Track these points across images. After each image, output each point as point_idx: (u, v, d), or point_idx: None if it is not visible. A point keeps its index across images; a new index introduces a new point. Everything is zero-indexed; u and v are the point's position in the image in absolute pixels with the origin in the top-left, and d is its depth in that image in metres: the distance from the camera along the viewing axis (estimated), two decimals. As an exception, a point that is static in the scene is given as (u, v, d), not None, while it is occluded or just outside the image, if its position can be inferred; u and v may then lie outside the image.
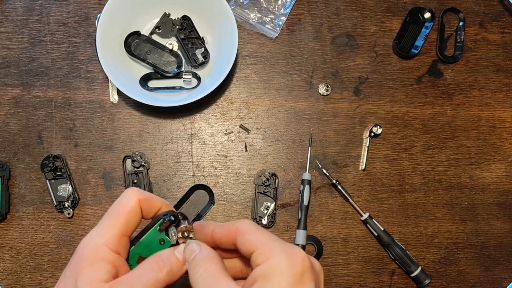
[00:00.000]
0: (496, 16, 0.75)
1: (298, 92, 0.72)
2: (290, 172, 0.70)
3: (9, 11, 0.71)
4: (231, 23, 0.64)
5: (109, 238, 0.36)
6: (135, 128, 0.69)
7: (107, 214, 0.38)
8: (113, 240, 0.36)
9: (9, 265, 0.66)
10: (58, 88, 0.69)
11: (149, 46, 0.68)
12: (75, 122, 0.69)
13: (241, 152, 0.70)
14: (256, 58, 0.72)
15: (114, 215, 0.37)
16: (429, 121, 0.72)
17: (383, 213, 0.70)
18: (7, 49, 0.70)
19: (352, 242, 0.69)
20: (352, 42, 0.73)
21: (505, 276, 0.70)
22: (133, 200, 0.38)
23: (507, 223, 0.71)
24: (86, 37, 0.71)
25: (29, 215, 0.67)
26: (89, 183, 0.68)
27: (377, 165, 0.71)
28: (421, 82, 0.73)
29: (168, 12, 0.70)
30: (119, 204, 0.38)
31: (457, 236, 0.70)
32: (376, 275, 0.68)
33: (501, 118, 0.73)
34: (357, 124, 0.71)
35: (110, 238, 0.36)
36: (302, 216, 0.67)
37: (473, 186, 0.72)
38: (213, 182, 0.69)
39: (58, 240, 0.67)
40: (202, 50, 0.69)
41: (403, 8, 0.74)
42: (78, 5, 0.71)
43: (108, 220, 0.37)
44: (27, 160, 0.68)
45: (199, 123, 0.70)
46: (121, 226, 0.37)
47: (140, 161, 0.67)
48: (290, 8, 0.73)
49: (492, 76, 0.74)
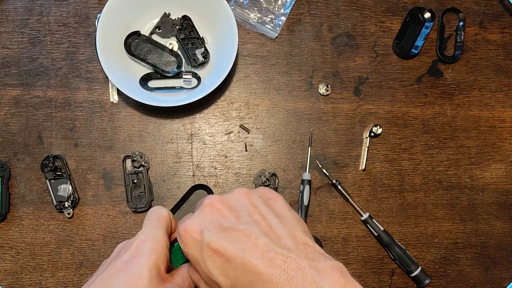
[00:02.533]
0: (496, 16, 0.75)
1: (298, 92, 0.72)
2: (290, 172, 0.70)
3: (9, 11, 0.71)
4: (231, 23, 0.64)
5: (161, 235, 0.42)
6: (135, 128, 0.69)
7: (148, 219, 0.44)
8: (164, 237, 0.42)
9: (9, 265, 0.66)
10: (58, 88, 0.69)
11: (149, 46, 0.68)
12: (75, 122, 0.69)
13: (241, 152, 0.70)
14: (256, 58, 0.72)
15: (155, 218, 0.43)
16: (429, 121, 0.72)
17: (383, 213, 0.70)
18: (7, 49, 0.70)
19: (352, 242, 0.69)
20: (352, 42, 0.73)
21: (505, 276, 0.70)
22: (164, 210, 0.46)
23: (507, 223, 0.71)
24: (86, 37, 0.71)
25: (29, 215, 0.67)
26: (89, 183, 0.68)
27: (377, 165, 0.71)
28: (421, 82, 0.73)
29: (168, 12, 0.70)
30: (154, 211, 0.44)
31: (457, 236, 0.70)
32: (376, 275, 0.68)
33: (501, 118, 0.73)
34: (357, 124, 0.71)
35: (162, 235, 0.42)
36: (302, 216, 0.67)
37: (473, 186, 0.72)
38: (213, 182, 0.69)
39: (58, 240, 0.67)
40: (202, 50, 0.69)
41: (403, 8, 0.74)
42: (78, 5, 0.71)
43: (153, 223, 0.43)
44: (27, 160, 0.68)
45: (199, 123, 0.70)
46: (163, 227, 0.43)
47: (140, 161, 0.67)
48: (290, 8, 0.73)
49: (492, 76, 0.74)
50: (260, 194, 0.43)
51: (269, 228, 0.39)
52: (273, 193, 0.44)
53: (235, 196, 0.43)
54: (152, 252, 0.40)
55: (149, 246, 0.41)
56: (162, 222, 0.44)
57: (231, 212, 0.40)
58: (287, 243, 0.38)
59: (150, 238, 0.42)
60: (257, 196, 0.43)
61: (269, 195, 0.44)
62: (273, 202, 0.43)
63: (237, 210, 0.41)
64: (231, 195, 0.43)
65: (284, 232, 0.39)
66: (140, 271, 0.39)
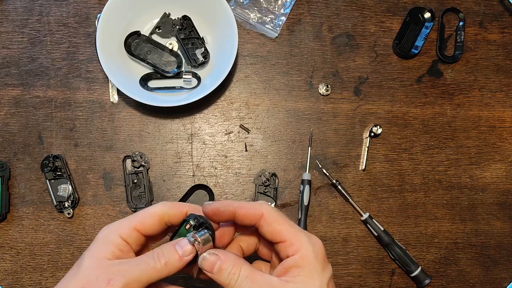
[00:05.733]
0: (496, 16, 0.75)
1: (298, 92, 0.72)
2: (290, 172, 0.70)
3: (9, 11, 0.71)
4: (231, 23, 0.64)
5: (121, 226, 0.42)
6: (135, 128, 0.69)
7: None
8: (124, 229, 0.41)
9: (9, 265, 0.66)
10: (58, 88, 0.69)
11: (149, 46, 0.68)
12: (75, 122, 0.69)
13: (241, 152, 0.70)
14: (256, 58, 0.72)
15: (134, 215, 0.43)
16: (429, 121, 0.72)
17: (383, 213, 0.70)
18: (7, 49, 0.70)
19: (352, 242, 0.69)
20: (352, 42, 0.73)
21: (505, 276, 0.70)
22: (155, 207, 0.43)
23: (507, 223, 0.71)
24: (86, 37, 0.71)
25: (29, 215, 0.67)
26: (89, 183, 0.68)
27: (377, 165, 0.71)
28: (421, 82, 0.73)
29: (168, 12, 0.70)
30: (143, 209, 0.44)
31: (457, 236, 0.70)
32: (376, 275, 0.68)
33: (501, 118, 0.73)
34: (357, 124, 0.71)
35: (121, 226, 0.42)
36: (302, 216, 0.67)
37: (473, 186, 0.72)
38: (213, 182, 0.69)
39: (58, 240, 0.66)
40: (202, 50, 0.69)
41: (403, 8, 0.74)
42: (78, 5, 0.71)
43: (128, 217, 0.43)
44: (27, 160, 0.68)
45: (199, 123, 0.70)
46: (135, 221, 0.42)
47: (140, 161, 0.67)
48: (290, 8, 0.73)
49: (492, 76, 0.74)
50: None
51: None
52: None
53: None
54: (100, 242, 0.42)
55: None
56: (138, 217, 0.43)
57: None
58: None
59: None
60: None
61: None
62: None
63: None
64: None
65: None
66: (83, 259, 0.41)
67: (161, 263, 0.40)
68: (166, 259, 0.40)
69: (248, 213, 0.42)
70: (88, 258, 0.40)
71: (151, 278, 0.39)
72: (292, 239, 0.40)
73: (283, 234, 0.40)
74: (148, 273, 0.39)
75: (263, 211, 0.41)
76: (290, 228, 0.41)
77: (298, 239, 0.40)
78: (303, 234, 0.40)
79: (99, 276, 0.38)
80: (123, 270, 0.39)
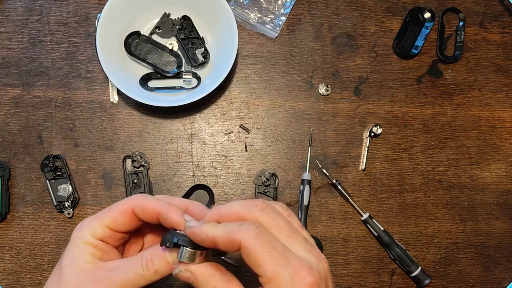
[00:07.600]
0: (496, 16, 0.75)
1: (298, 92, 0.72)
2: (290, 172, 0.70)
3: (9, 11, 0.71)
4: (231, 23, 0.64)
5: (93, 227, 0.40)
6: (135, 128, 0.69)
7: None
8: (96, 229, 0.40)
9: (9, 265, 0.66)
10: (58, 88, 0.69)
11: (149, 46, 0.68)
12: (75, 122, 0.69)
13: (241, 152, 0.70)
14: (256, 58, 0.72)
15: (105, 210, 0.41)
16: (429, 121, 0.72)
17: (383, 213, 0.70)
18: (7, 49, 0.70)
19: (352, 242, 0.69)
20: (352, 42, 0.73)
21: (505, 276, 0.70)
22: (126, 203, 0.40)
23: (507, 223, 0.71)
24: (86, 37, 0.71)
25: (29, 215, 0.67)
26: (89, 183, 0.68)
27: (377, 165, 0.71)
28: (421, 82, 0.73)
29: (168, 12, 0.70)
30: (115, 204, 0.41)
31: (457, 236, 0.70)
32: (376, 275, 0.68)
33: (501, 118, 0.73)
34: (357, 124, 0.71)
35: (93, 227, 0.40)
36: (302, 216, 0.67)
37: (473, 186, 0.72)
38: (213, 182, 0.69)
39: (58, 240, 0.66)
40: (202, 50, 0.69)
41: (403, 8, 0.74)
42: (78, 5, 0.71)
43: (99, 214, 0.41)
44: (27, 160, 0.68)
45: (199, 123, 0.70)
46: (107, 219, 0.40)
47: (140, 161, 0.67)
48: (290, 8, 0.73)
49: (492, 76, 0.74)
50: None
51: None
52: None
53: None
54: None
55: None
56: (108, 214, 0.41)
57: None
58: None
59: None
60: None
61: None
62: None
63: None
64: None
65: None
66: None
67: (150, 272, 0.38)
68: (155, 267, 0.38)
69: (227, 243, 0.35)
70: (68, 266, 0.39)
71: (140, 285, 0.38)
72: (270, 277, 0.34)
73: (261, 268, 0.34)
74: (136, 282, 0.38)
75: (241, 240, 0.34)
76: (271, 262, 0.34)
77: (277, 278, 0.33)
78: (285, 270, 0.33)
79: (85, 284, 0.37)
80: (109, 278, 0.38)
